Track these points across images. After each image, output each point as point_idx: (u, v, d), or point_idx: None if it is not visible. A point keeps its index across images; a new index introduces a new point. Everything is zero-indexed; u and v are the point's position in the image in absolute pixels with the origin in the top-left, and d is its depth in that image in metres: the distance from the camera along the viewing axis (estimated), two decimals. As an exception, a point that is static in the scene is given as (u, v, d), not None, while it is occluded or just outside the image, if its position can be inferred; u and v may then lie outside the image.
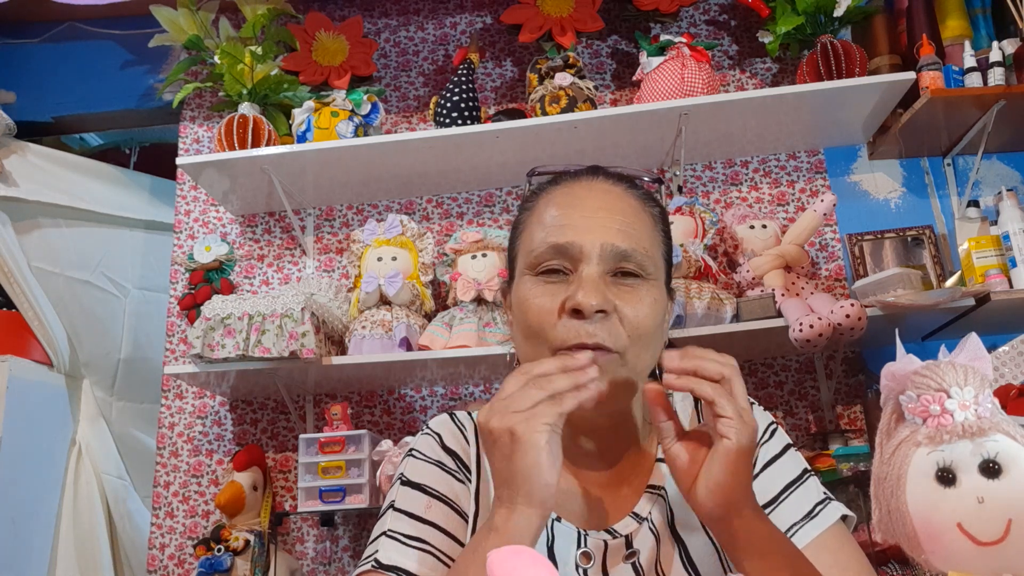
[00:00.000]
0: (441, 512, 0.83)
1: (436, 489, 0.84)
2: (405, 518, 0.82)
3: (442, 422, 0.93)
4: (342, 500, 1.88)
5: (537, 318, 0.80)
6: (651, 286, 0.82)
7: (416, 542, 0.80)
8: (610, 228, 0.81)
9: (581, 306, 0.77)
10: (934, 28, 2.14)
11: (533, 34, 2.20)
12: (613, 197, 0.85)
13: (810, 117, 2.10)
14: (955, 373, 0.68)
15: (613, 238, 0.80)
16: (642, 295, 0.81)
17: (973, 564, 0.63)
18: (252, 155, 2.09)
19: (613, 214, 0.82)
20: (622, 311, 0.79)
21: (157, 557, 2.15)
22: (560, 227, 0.82)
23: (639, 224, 0.84)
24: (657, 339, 0.83)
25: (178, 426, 2.25)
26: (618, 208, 0.83)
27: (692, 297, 1.88)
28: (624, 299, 0.79)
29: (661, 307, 0.83)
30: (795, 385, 2.09)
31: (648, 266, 0.82)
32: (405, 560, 0.79)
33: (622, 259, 0.80)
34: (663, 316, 0.85)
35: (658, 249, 0.86)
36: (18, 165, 2.42)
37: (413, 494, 0.84)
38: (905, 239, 2.14)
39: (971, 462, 0.64)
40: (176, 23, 2.28)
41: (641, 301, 0.80)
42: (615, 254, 0.80)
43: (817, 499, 0.84)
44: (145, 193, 2.76)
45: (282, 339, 1.90)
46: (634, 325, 0.79)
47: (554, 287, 0.80)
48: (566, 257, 0.81)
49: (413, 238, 2.11)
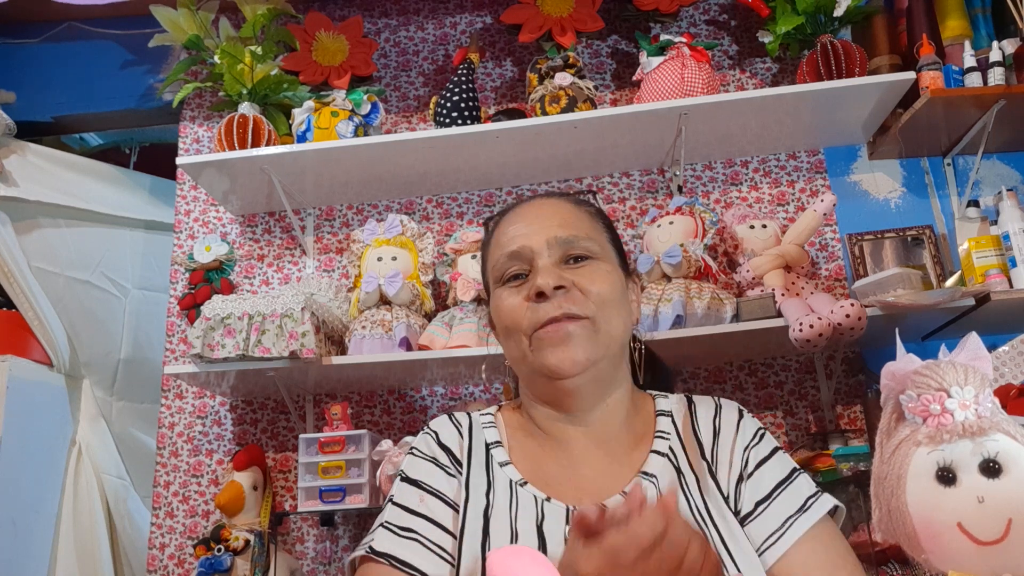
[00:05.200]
0: (434, 505, 0.89)
1: (430, 484, 0.91)
2: (400, 511, 0.89)
3: (440, 421, 0.99)
4: (342, 500, 1.88)
5: (510, 314, 0.92)
6: (602, 263, 0.94)
7: (408, 533, 0.87)
8: (552, 225, 0.94)
9: (541, 287, 0.88)
10: (934, 28, 2.14)
11: (533, 34, 2.20)
12: (550, 205, 0.99)
13: (810, 117, 2.10)
14: (955, 373, 0.68)
15: (555, 231, 0.93)
16: (595, 269, 0.92)
17: (973, 564, 0.63)
18: (252, 155, 2.08)
19: (553, 215, 0.96)
20: (580, 284, 0.90)
21: (157, 557, 2.15)
22: (511, 239, 0.95)
23: (576, 218, 0.97)
24: (623, 308, 0.94)
25: (178, 426, 2.25)
26: (556, 210, 0.97)
27: (692, 297, 1.88)
28: (580, 275, 0.91)
29: (618, 280, 0.94)
30: (795, 385, 2.09)
31: (593, 247, 0.94)
32: (396, 549, 0.86)
33: (568, 246, 0.93)
34: (622, 289, 0.95)
35: (601, 235, 0.98)
36: (18, 165, 2.42)
37: (409, 489, 0.91)
38: (905, 239, 2.14)
39: (971, 462, 0.64)
40: (176, 23, 2.27)
41: (594, 274, 0.92)
42: (560, 243, 0.92)
43: (808, 493, 0.88)
44: (145, 193, 2.76)
45: (282, 339, 1.90)
46: (595, 293, 0.90)
47: (519, 288, 0.93)
48: (522, 260, 0.93)
49: (413, 238, 2.11)
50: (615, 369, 0.93)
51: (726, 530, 0.84)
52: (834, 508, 0.87)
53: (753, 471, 0.89)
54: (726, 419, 0.95)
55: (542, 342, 0.89)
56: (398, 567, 0.84)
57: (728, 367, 2.12)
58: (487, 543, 0.84)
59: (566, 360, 0.88)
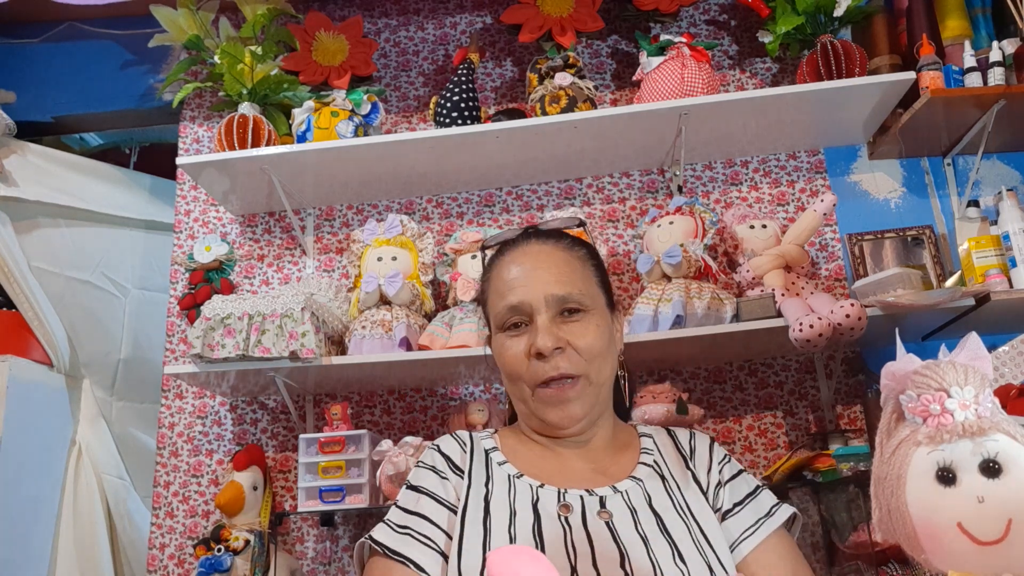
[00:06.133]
0: (429, 506, 1.01)
1: (428, 489, 1.03)
2: (400, 512, 1.02)
3: (444, 438, 1.12)
4: (342, 500, 1.88)
5: (512, 365, 1.05)
6: (593, 314, 1.06)
7: (404, 529, 0.99)
8: (548, 281, 1.05)
9: (541, 349, 1.02)
10: (934, 28, 2.14)
11: (533, 34, 2.20)
12: (545, 255, 1.09)
13: (810, 117, 2.10)
14: (955, 373, 0.68)
15: (552, 289, 1.05)
16: (587, 324, 1.05)
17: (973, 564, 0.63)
18: (252, 155, 2.08)
19: (549, 269, 1.07)
20: (574, 344, 1.03)
21: (157, 557, 2.15)
22: (511, 291, 1.06)
23: (569, 270, 1.08)
24: (611, 353, 1.08)
25: (178, 426, 2.25)
26: (551, 263, 1.08)
27: (692, 297, 1.88)
28: (573, 333, 1.03)
29: (606, 328, 1.07)
30: (795, 385, 2.09)
31: (585, 300, 1.06)
32: (391, 541, 0.98)
33: (563, 302, 1.04)
34: (610, 334, 1.08)
35: (591, 282, 1.10)
36: (18, 165, 2.42)
37: (410, 494, 1.04)
38: (905, 239, 2.14)
39: (971, 462, 0.64)
40: (176, 23, 2.27)
41: (587, 329, 1.04)
42: (556, 300, 1.04)
43: (772, 503, 1.04)
44: (145, 193, 2.76)
45: (282, 339, 1.90)
46: (586, 350, 1.03)
47: (519, 338, 1.05)
48: (522, 312, 1.05)
49: (413, 238, 2.11)
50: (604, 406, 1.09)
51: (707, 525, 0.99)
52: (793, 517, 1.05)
53: (729, 480, 1.06)
54: (700, 442, 1.11)
55: (543, 400, 1.04)
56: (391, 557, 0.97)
57: (728, 367, 2.12)
58: (488, 521, 0.97)
59: (566, 418, 1.03)
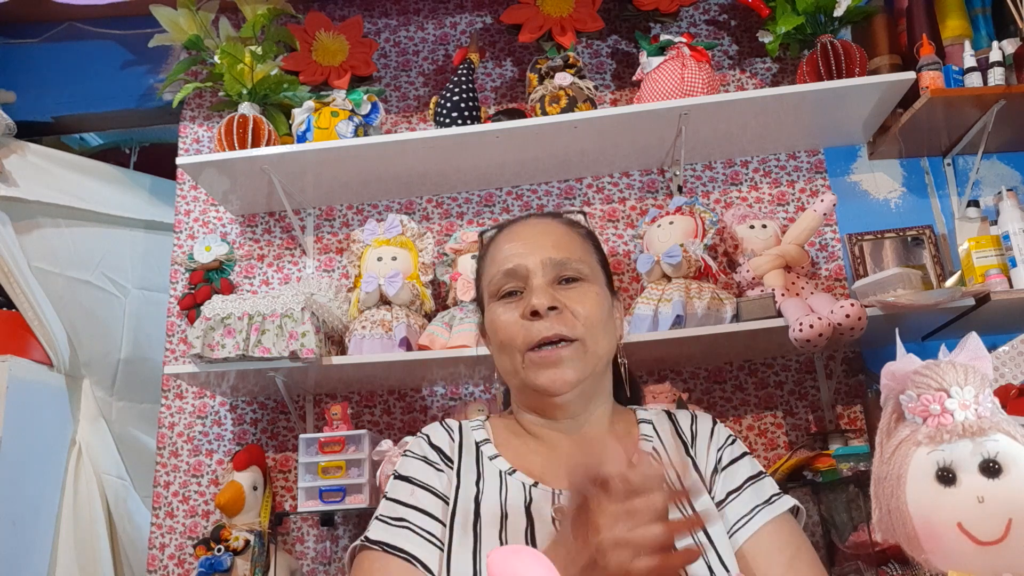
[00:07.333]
0: (423, 497, 0.96)
1: (420, 479, 0.98)
2: (393, 504, 0.96)
3: (432, 426, 1.07)
4: (342, 500, 1.88)
5: (506, 330, 0.99)
6: (591, 284, 1.01)
7: (400, 522, 0.93)
8: (546, 246, 1.01)
9: (536, 307, 0.96)
10: (934, 28, 2.14)
11: (533, 34, 2.20)
12: (544, 226, 1.06)
13: (810, 117, 2.10)
14: (955, 373, 0.68)
15: (549, 253, 1.00)
16: (585, 291, 0.99)
17: (973, 564, 0.63)
18: (252, 155, 2.08)
19: (547, 236, 1.03)
20: (571, 307, 0.97)
21: (157, 557, 2.15)
22: (507, 257, 1.02)
23: (568, 240, 1.04)
24: (609, 327, 1.02)
25: (178, 426, 2.25)
26: (550, 231, 1.04)
27: (692, 297, 1.88)
28: (570, 298, 0.98)
29: (605, 301, 1.02)
30: (795, 385, 2.09)
31: (584, 269, 1.01)
32: (389, 537, 0.92)
33: (560, 267, 1.00)
34: (609, 309, 1.03)
35: (591, 257, 1.05)
36: (18, 165, 2.42)
37: (402, 485, 0.98)
38: (905, 239, 2.14)
39: (971, 462, 0.64)
40: (176, 23, 2.27)
41: (585, 296, 0.99)
42: (554, 264, 0.99)
43: (773, 491, 0.98)
44: (145, 193, 2.76)
45: (282, 339, 1.90)
46: (584, 316, 0.97)
47: (514, 304, 1.00)
48: (517, 278, 1.00)
49: (413, 238, 2.11)
50: (600, 384, 1.03)
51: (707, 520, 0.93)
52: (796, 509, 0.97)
53: (727, 466, 0.99)
54: (702, 425, 1.05)
55: (535, 363, 0.97)
56: (391, 552, 0.91)
57: (728, 367, 2.12)
58: (478, 525, 0.92)
59: (557, 380, 0.96)
